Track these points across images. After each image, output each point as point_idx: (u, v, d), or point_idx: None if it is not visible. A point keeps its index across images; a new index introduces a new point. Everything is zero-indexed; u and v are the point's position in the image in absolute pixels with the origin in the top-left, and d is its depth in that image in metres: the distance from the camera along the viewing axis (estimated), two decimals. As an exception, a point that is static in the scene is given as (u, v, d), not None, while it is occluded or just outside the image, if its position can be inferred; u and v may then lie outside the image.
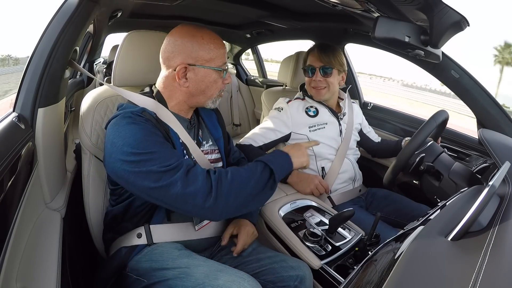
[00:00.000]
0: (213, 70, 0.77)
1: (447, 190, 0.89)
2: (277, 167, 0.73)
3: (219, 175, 0.68)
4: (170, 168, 0.64)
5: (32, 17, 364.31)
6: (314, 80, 1.21)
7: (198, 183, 0.64)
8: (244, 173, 0.70)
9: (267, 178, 0.72)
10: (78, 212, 0.95)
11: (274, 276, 0.77)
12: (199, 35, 0.76)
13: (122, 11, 1.42)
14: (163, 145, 0.69)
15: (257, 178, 0.71)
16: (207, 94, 0.80)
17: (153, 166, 0.64)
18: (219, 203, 0.65)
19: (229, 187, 0.66)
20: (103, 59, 4.00)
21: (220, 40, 0.79)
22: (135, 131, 0.67)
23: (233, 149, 1.05)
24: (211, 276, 0.64)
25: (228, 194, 0.66)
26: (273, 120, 1.23)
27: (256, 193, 0.70)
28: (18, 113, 0.79)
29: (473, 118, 1.18)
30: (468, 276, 0.41)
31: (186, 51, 0.75)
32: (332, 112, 1.27)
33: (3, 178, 0.55)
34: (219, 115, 0.99)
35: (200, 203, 0.64)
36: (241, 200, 0.68)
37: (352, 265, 0.86)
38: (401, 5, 0.71)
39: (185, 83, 0.77)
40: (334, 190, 1.25)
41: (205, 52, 0.76)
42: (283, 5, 1.36)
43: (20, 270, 0.57)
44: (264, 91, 1.45)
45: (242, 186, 0.68)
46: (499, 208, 0.61)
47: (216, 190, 0.65)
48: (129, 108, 0.74)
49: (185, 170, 0.65)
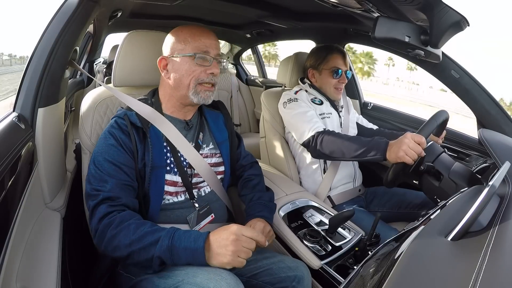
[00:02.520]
0: (187, 57, 0.78)
1: (447, 190, 0.89)
2: (166, 253, 0.64)
3: (109, 223, 0.68)
4: (92, 194, 0.71)
5: (32, 17, 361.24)
6: (340, 82, 1.27)
7: (95, 220, 0.69)
8: (132, 235, 0.65)
9: (150, 256, 0.64)
10: (78, 212, 0.95)
11: (272, 277, 0.77)
12: (180, 29, 0.81)
13: (122, 11, 1.42)
14: (109, 165, 0.73)
15: (138, 249, 0.64)
16: (185, 84, 0.80)
17: (89, 184, 0.72)
18: (100, 246, 0.69)
19: (110, 238, 0.67)
20: (103, 59, 4.00)
21: (201, 30, 0.81)
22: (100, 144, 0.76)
23: (244, 153, 1.04)
24: (190, 274, 0.64)
25: (108, 244, 0.67)
26: (301, 109, 1.21)
27: (137, 261, 0.66)
28: (18, 113, 0.79)
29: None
30: (468, 276, 0.41)
31: (167, 45, 0.82)
32: (332, 104, 1.31)
33: (3, 178, 0.55)
34: (227, 118, 0.97)
35: (93, 237, 0.71)
36: (119, 255, 0.67)
37: (352, 265, 0.86)
38: (401, 5, 0.71)
39: (166, 75, 0.82)
40: (334, 188, 1.25)
41: (180, 43, 0.79)
42: (283, 5, 1.35)
43: (20, 270, 0.57)
44: (263, 92, 1.45)
45: (121, 246, 0.66)
46: (499, 208, 0.61)
47: (100, 234, 0.68)
48: (118, 112, 0.81)
49: (97, 203, 0.70)
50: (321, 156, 1.16)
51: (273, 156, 1.40)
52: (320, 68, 1.28)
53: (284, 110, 1.27)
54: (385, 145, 0.98)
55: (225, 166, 0.92)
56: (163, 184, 0.79)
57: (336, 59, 1.26)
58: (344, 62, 1.27)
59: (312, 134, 1.13)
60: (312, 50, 1.35)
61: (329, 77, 1.26)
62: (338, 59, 1.26)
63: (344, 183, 1.28)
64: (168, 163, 0.81)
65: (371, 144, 1.01)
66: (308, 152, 1.20)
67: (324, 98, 1.30)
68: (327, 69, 1.26)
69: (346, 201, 1.27)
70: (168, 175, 0.80)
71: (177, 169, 0.81)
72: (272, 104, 1.37)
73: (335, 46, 1.31)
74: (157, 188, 0.78)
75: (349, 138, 1.07)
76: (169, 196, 0.81)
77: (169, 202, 0.81)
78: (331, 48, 1.28)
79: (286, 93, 1.30)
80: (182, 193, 0.83)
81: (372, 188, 1.38)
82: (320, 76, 1.29)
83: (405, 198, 1.27)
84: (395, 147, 0.94)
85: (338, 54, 1.26)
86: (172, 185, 0.81)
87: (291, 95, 1.27)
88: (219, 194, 0.91)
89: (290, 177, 1.30)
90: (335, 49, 1.28)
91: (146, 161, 0.76)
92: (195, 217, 0.83)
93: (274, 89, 1.49)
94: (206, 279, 0.62)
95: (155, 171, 0.77)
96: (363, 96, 1.86)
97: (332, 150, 1.08)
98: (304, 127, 1.17)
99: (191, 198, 0.84)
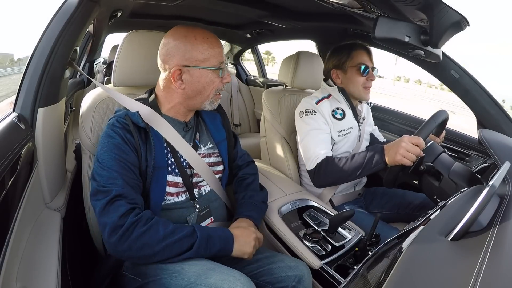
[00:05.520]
0: (209, 70, 0.77)
1: (447, 190, 0.89)
2: (202, 242, 0.69)
3: (137, 220, 0.66)
4: (103, 190, 0.68)
5: (32, 17, 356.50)
6: (369, 80, 1.16)
7: (113, 217, 0.65)
8: (163, 230, 0.67)
9: (186, 247, 0.68)
10: (78, 212, 0.95)
11: (272, 277, 0.77)
12: (192, 35, 0.75)
13: (122, 11, 1.42)
14: (117, 163, 0.71)
15: (173, 242, 0.67)
16: (204, 95, 0.80)
17: (97, 181, 0.69)
18: (122, 245, 0.65)
19: (139, 235, 0.65)
20: (103, 59, 4.00)
21: (214, 38, 0.78)
22: (105, 143, 0.73)
23: (240, 152, 1.04)
24: (203, 275, 0.64)
25: (135, 242, 0.65)
26: (315, 125, 1.13)
27: (167, 256, 0.67)
28: (18, 113, 0.79)
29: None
30: (468, 276, 0.41)
31: (180, 53, 0.75)
32: (354, 115, 1.22)
33: (3, 178, 0.55)
34: (224, 117, 0.98)
35: (106, 235, 0.65)
36: (145, 252, 0.66)
37: (352, 265, 0.86)
38: (401, 5, 0.71)
39: (181, 85, 0.78)
40: (336, 193, 1.25)
41: (199, 53, 0.75)
42: (283, 5, 1.35)
43: (20, 270, 0.57)
44: (264, 91, 1.45)
45: (152, 242, 0.66)
46: (499, 208, 0.61)
47: (124, 232, 0.64)
48: (118, 113, 0.79)
49: (110, 198, 0.66)
50: (326, 186, 1.14)
51: (273, 156, 1.40)
52: (346, 66, 1.16)
53: (299, 120, 1.19)
54: (381, 151, 0.98)
55: (223, 165, 0.93)
56: (164, 185, 0.78)
57: (361, 55, 1.15)
58: (370, 58, 1.16)
59: (313, 167, 1.09)
60: (332, 50, 1.23)
61: (357, 75, 1.15)
62: (363, 55, 1.15)
63: (347, 186, 1.28)
64: (169, 164, 0.81)
65: (369, 156, 0.99)
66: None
67: (348, 107, 1.20)
68: (354, 66, 1.15)
69: (345, 203, 1.27)
70: (170, 176, 0.80)
71: (178, 169, 0.81)
72: (273, 103, 1.37)
73: (358, 42, 1.21)
74: (158, 189, 0.77)
75: (347, 159, 1.03)
76: (170, 196, 0.81)
77: (170, 203, 0.81)
78: (354, 44, 1.18)
79: (306, 101, 1.19)
80: (182, 193, 0.83)
81: (372, 189, 1.38)
82: (346, 75, 1.18)
83: (404, 199, 1.27)
84: (392, 151, 0.94)
85: (363, 50, 1.16)
86: (173, 186, 0.81)
87: (311, 105, 1.16)
88: (218, 193, 0.92)
89: (290, 177, 1.30)
90: (359, 45, 1.17)
91: (149, 162, 0.76)
92: (195, 218, 0.84)
93: (275, 88, 1.49)
94: (220, 280, 0.62)
95: (157, 172, 0.77)
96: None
97: (336, 178, 1.06)
98: (311, 153, 1.10)
99: (191, 198, 0.84)
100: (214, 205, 0.90)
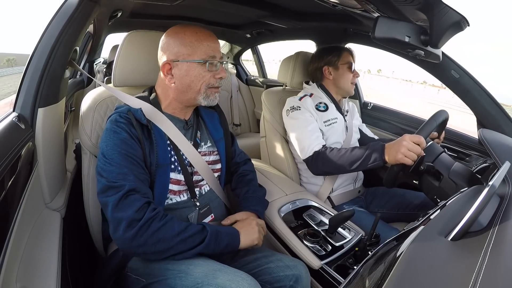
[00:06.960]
0: (196, 63, 0.77)
1: (447, 190, 0.89)
2: (212, 236, 0.72)
3: (155, 215, 0.67)
4: (114, 186, 0.67)
5: (32, 16, 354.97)
6: (355, 77, 1.29)
7: (129, 211, 0.65)
8: (177, 227, 0.69)
9: (198, 241, 0.71)
10: (78, 212, 0.95)
11: (270, 277, 0.77)
12: (182, 31, 0.78)
13: (122, 11, 1.42)
14: (126, 159, 0.70)
15: (186, 237, 0.69)
16: (195, 89, 0.80)
17: (105, 177, 0.68)
18: (138, 240, 0.65)
19: (156, 230, 0.66)
20: (103, 59, 4.00)
21: (205, 33, 0.79)
22: (110, 139, 0.72)
23: (238, 150, 1.05)
24: (210, 275, 0.64)
25: (151, 237, 0.65)
26: (303, 118, 1.21)
27: (180, 251, 0.69)
28: (18, 113, 0.79)
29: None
30: (468, 276, 0.41)
31: (170, 48, 0.78)
32: (338, 108, 1.31)
33: (3, 178, 0.55)
34: (221, 116, 0.98)
35: (121, 230, 0.64)
36: (160, 247, 0.67)
37: (352, 265, 0.86)
38: (401, 5, 0.71)
39: (171, 80, 0.80)
40: (334, 189, 1.25)
41: (186, 47, 0.77)
42: (283, 5, 1.35)
43: (20, 270, 0.57)
44: (264, 91, 1.45)
45: (168, 237, 0.67)
46: (499, 208, 0.61)
47: (141, 226, 0.65)
48: (119, 109, 0.78)
49: (124, 193, 0.66)
50: (321, 174, 1.18)
51: (273, 156, 1.40)
52: (338, 64, 1.28)
53: (286, 118, 1.26)
54: (382, 149, 0.98)
55: (221, 164, 0.93)
56: (167, 182, 0.79)
57: (348, 56, 1.29)
58: (354, 59, 1.30)
59: (311, 154, 1.13)
60: (321, 50, 1.34)
61: (347, 72, 1.28)
62: (349, 56, 1.29)
63: (345, 185, 1.28)
64: (173, 161, 0.81)
65: (368, 152, 1.01)
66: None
67: (330, 101, 1.29)
68: (344, 64, 1.27)
69: (346, 202, 1.27)
70: (173, 173, 0.81)
71: (181, 167, 0.82)
72: (273, 103, 1.37)
73: (341, 46, 1.35)
74: (161, 186, 0.78)
75: (346, 150, 1.06)
76: (173, 195, 0.81)
77: (172, 202, 0.81)
78: (340, 47, 1.32)
79: (290, 100, 1.28)
80: (184, 192, 0.83)
81: (372, 189, 1.38)
82: (337, 72, 1.29)
83: (404, 199, 1.27)
84: (393, 150, 0.95)
85: (348, 52, 1.30)
86: (175, 183, 0.81)
87: (294, 102, 1.25)
88: (217, 192, 0.92)
89: (290, 177, 1.30)
90: (343, 48, 1.31)
91: (152, 159, 0.76)
92: (196, 216, 0.84)
93: (274, 88, 1.49)
94: (228, 280, 0.62)
95: (160, 169, 0.77)
96: (363, 96, 1.86)
97: (332, 168, 1.09)
98: (304, 143, 1.16)
99: (192, 197, 0.84)
100: (214, 204, 0.90)
